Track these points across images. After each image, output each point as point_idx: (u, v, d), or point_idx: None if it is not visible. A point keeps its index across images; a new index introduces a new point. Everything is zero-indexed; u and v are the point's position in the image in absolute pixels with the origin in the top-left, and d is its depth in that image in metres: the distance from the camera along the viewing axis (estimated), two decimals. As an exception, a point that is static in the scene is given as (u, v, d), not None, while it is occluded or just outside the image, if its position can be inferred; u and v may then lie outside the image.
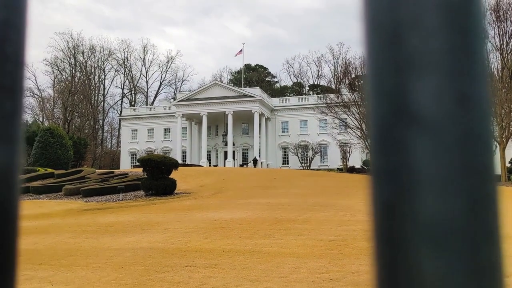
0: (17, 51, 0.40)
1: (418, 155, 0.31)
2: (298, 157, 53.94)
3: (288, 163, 58.41)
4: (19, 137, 0.39)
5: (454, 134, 0.32)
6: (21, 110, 0.40)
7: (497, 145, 34.96)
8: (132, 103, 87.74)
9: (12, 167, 0.38)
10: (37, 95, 78.40)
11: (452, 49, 0.32)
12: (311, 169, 48.97)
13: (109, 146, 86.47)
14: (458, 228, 0.31)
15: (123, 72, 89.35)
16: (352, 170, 45.11)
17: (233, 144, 57.72)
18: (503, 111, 31.93)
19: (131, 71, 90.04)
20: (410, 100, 0.32)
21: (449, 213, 0.31)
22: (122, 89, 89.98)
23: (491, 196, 0.32)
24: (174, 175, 25.13)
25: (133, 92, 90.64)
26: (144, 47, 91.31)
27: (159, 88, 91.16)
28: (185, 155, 59.73)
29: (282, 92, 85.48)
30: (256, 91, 57.44)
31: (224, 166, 54.11)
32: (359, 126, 43.87)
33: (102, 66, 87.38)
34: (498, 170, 35.44)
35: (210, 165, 56.73)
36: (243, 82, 76.37)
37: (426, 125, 0.32)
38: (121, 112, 78.01)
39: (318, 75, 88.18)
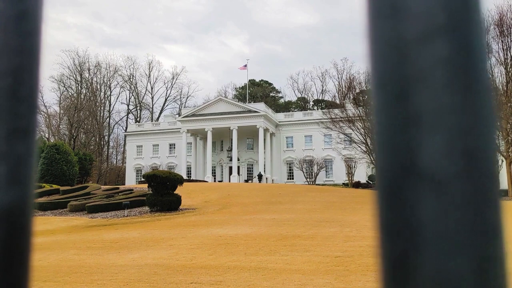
0: (31, 95, 0.41)
1: (425, 212, 0.31)
2: (303, 172, 53.80)
3: (293, 178, 58.25)
4: (32, 178, 0.41)
5: (461, 192, 0.31)
6: (34, 151, 0.41)
7: (503, 159, 34.76)
8: (138, 119, 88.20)
9: (25, 208, 0.39)
10: (43, 111, 79.01)
11: (458, 106, 0.32)
12: (316, 184, 48.80)
13: (115, 162, 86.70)
14: (465, 287, 0.30)
15: (128, 88, 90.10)
16: (357, 185, 44.93)
17: (238, 160, 57.70)
18: (508, 125, 31.80)
19: (137, 88, 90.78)
20: (417, 157, 0.32)
21: (456, 271, 0.31)
22: (128, 105, 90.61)
23: (498, 256, 0.31)
24: (179, 190, 25.11)
25: (138, 108, 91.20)
26: (149, 64, 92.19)
27: (164, 104, 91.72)
28: (190, 171, 59.74)
29: (286, 107, 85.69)
30: (261, 106, 57.60)
31: (229, 181, 54.04)
32: (364, 141, 43.79)
33: (108, 83, 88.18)
34: (505, 184, 35.15)
35: (215, 181, 56.67)
36: (247, 98, 76.69)
37: (433, 182, 0.32)
38: (126, 128, 78.37)
39: (322, 90, 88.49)
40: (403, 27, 0.34)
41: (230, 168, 57.87)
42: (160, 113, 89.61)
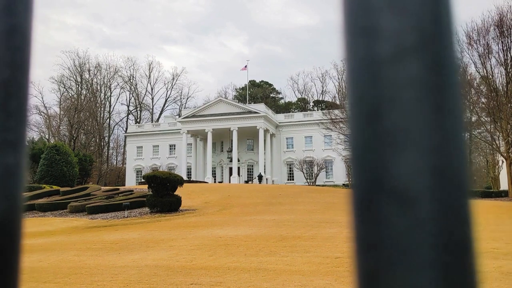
0: (20, 108, 0.41)
1: (396, 229, 0.32)
2: (303, 173, 53.79)
3: (293, 179, 58.25)
4: (21, 191, 0.40)
5: (430, 209, 0.32)
6: (23, 164, 0.41)
7: (504, 160, 34.75)
8: (138, 120, 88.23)
9: (14, 220, 0.39)
10: (43, 112, 79.08)
11: (428, 125, 0.33)
12: (317, 185, 48.81)
13: (115, 163, 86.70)
14: None
15: (128, 89, 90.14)
16: (357, 186, 44.84)
17: (238, 160, 57.71)
18: (509, 126, 31.79)
19: (137, 88, 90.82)
20: (388, 175, 0.33)
21: (427, 286, 0.31)
22: (128, 106, 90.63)
23: (468, 272, 0.32)
24: (179, 191, 25.11)
25: (138, 109, 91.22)
26: (150, 65, 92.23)
27: (164, 105, 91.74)
28: (190, 172, 59.75)
29: (286, 108, 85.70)
30: (261, 107, 57.62)
31: (229, 182, 54.04)
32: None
33: (108, 84, 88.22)
34: (505, 185, 35.14)
35: (215, 182, 56.67)
36: (247, 98, 76.71)
37: (403, 199, 0.32)
38: (126, 129, 78.39)
39: (322, 91, 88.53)
40: (374, 46, 0.34)
41: (230, 169, 57.86)
42: (160, 114, 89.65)
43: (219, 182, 57.09)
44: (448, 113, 0.33)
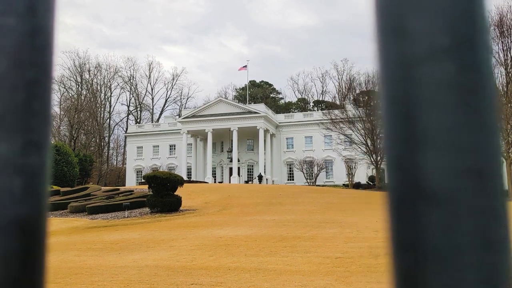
0: (44, 108, 0.41)
1: (433, 229, 0.32)
2: (303, 173, 53.79)
3: (293, 179, 58.25)
4: (46, 191, 0.41)
5: (468, 209, 0.32)
6: (47, 164, 0.41)
7: (504, 160, 34.76)
8: (138, 120, 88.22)
9: (40, 220, 0.40)
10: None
11: (464, 125, 0.33)
12: (317, 185, 48.80)
13: (115, 163, 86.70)
14: None
15: (128, 89, 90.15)
16: (358, 186, 44.92)
17: (238, 161, 57.71)
18: (508, 126, 31.80)
19: (137, 89, 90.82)
20: (425, 175, 0.33)
21: (463, 286, 0.31)
22: (128, 107, 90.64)
23: (505, 269, 0.32)
24: (179, 191, 25.11)
25: (138, 109, 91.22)
26: (150, 65, 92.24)
27: (164, 105, 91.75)
28: (190, 172, 59.74)
29: (287, 108, 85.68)
30: (261, 107, 57.62)
31: (229, 182, 54.02)
32: (364, 142, 43.81)
33: (108, 84, 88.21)
34: (505, 185, 35.12)
35: (215, 182, 56.66)
36: (247, 99, 76.68)
37: (440, 200, 0.32)
38: (126, 129, 78.37)
39: (322, 91, 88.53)
40: (409, 47, 0.34)
41: (231, 169, 57.87)
42: (160, 114, 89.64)
43: (219, 182, 57.07)
44: (483, 113, 0.33)
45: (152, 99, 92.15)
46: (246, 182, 56.25)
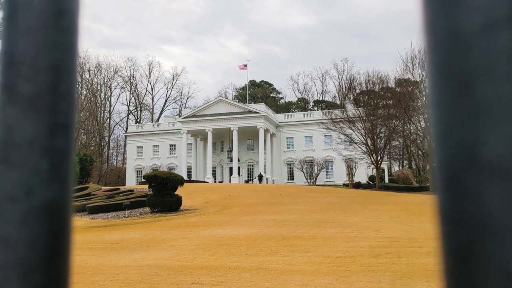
0: (70, 90, 0.41)
1: (491, 204, 0.31)
2: (303, 173, 53.80)
3: (293, 179, 58.25)
4: (72, 173, 0.41)
5: None
6: (73, 147, 0.41)
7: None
8: (138, 120, 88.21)
9: (66, 203, 0.40)
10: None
11: None
12: (317, 185, 48.81)
13: (115, 163, 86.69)
14: None
15: (129, 89, 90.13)
16: (358, 185, 44.92)
17: (238, 160, 57.71)
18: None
19: (137, 88, 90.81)
20: (482, 149, 0.32)
21: None
22: (128, 106, 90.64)
23: None
24: (179, 191, 25.12)
25: (138, 109, 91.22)
26: (150, 65, 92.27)
27: (164, 105, 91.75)
28: (190, 172, 59.74)
29: (287, 108, 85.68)
30: (261, 107, 57.62)
31: (230, 182, 54.04)
32: (365, 142, 43.81)
33: (108, 84, 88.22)
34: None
35: (215, 181, 56.67)
36: (248, 98, 76.68)
37: (498, 173, 0.31)
38: (126, 129, 78.39)
39: (322, 90, 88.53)
40: (464, 18, 0.33)
41: (231, 168, 57.87)
42: (161, 113, 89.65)
43: (219, 182, 57.09)
44: None
45: (152, 98, 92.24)
46: (246, 181, 56.26)
